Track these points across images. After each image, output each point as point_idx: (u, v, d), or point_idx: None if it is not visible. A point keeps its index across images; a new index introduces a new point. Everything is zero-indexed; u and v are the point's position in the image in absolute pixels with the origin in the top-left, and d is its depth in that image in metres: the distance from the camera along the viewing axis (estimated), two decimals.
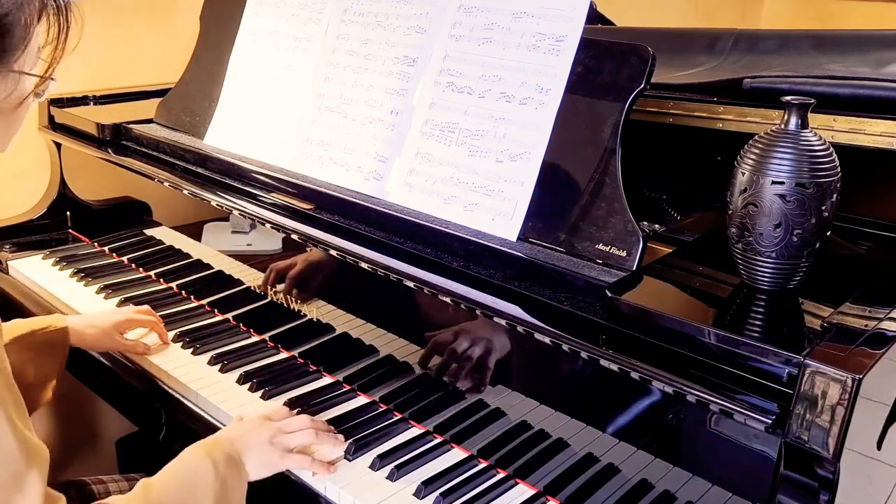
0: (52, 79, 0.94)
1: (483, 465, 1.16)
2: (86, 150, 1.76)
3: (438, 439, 1.21)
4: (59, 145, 1.88)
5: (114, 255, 1.81)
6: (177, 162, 1.61)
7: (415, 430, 1.23)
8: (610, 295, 0.99)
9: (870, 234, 1.26)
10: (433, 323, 1.20)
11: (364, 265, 1.23)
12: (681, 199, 1.43)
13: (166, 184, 1.57)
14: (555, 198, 1.15)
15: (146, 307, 1.50)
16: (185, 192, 1.52)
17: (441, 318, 1.19)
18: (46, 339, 1.33)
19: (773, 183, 0.93)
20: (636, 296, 0.99)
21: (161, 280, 1.69)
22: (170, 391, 1.36)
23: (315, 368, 1.38)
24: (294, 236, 1.34)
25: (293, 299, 1.41)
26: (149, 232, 1.74)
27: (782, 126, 0.96)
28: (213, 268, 1.58)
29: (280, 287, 1.43)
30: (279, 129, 1.51)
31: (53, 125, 1.88)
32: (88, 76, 2.03)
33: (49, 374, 1.33)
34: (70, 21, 0.91)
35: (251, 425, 1.14)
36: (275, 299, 1.44)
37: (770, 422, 0.85)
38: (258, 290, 1.48)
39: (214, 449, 1.07)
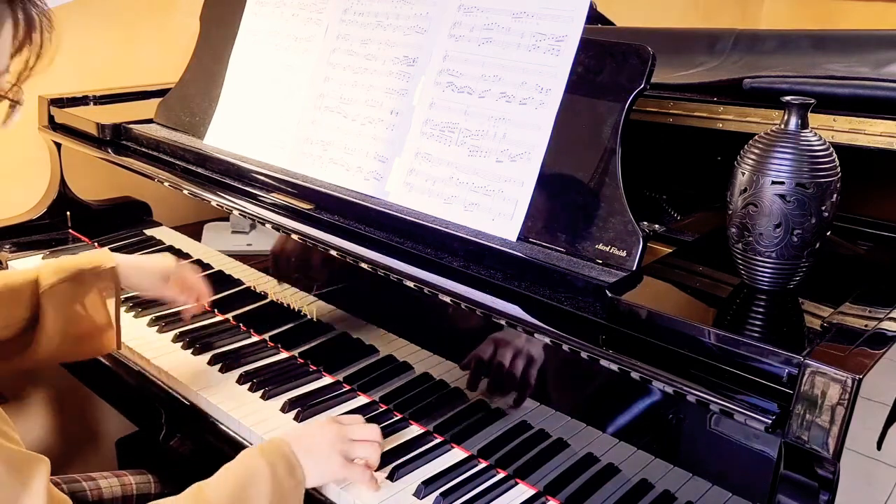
0: (18, 102, 0.88)
1: (483, 465, 1.16)
2: (86, 150, 1.76)
3: (438, 439, 1.21)
4: (59, 145, 1.88)
5: None
6: (177, 162, 1.61)
7: (415, 430, 1.23)
8: (610, 295, 0.99)
9: (870, 234, 1.26)
10: (433, 323, 1.20)
11: (364, 265, 1.23)
12: (681, 199, 1.43)
13: (166, 184, 1.57)
14: (555, 198, 1.15)
15: (189, 265, 1.48)
16: (185, 192, 1.52)
17: (441, 318, 1.19)
18: (94, 279, 1.30)
19: (773, 183, 0.93)
20: (636, 296, 0.99)
21: None
22: (170, 391, 1.36)
23: (315, 368, 1.38)
24: (294, 236, 1.34)
25: (293, 299, 1.41)
26: (149, 232, 1.74)
27: (782, 126, 0.96)
28: (213, 268, 1.58)
29: (283, 285, 1.43)
30: (279, 129, 1.51)
31: (53, 125, 1.88)
32: (88, 76, 2.03)
33: (104, 317, 1.31)
34: (44, 40, 0.87)
35: (316, 427, 1.11)
36: (275, 299, 1.44)
37: (770, 422, 0.85)
38: (258, 290, 1.48)
39: (273, 452, 1.03)
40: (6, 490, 0.82)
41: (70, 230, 1.94)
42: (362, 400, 1.30)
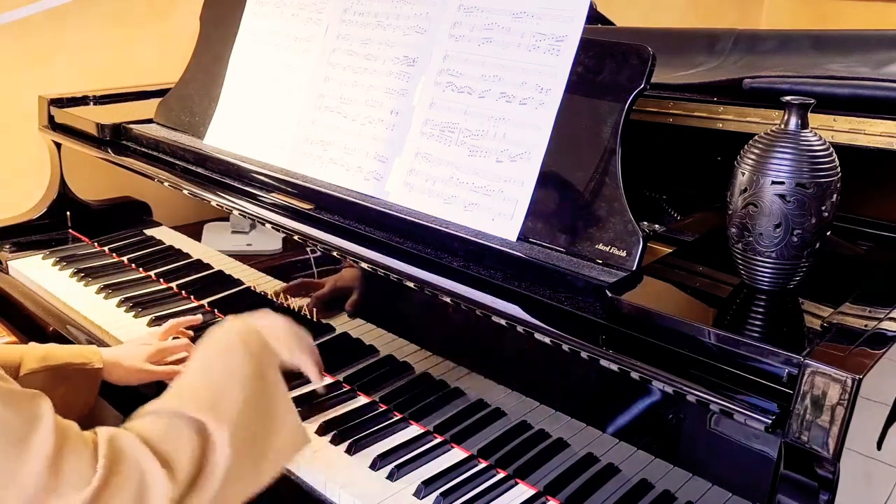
0: None
1: (483, 465, 1.16)
2: (86, 150, 1.76)
3: (438, 439, 1.21)
4: (59, 145, 1.88)
5: (114, 255, 1.81)
6: (177, 162, 1.61)
7: (415, 430, 1.23)
8: (610, 295, 0.99)
9: (870, 234, 1.26)
10: (433, 323, 1.20)
11: (364, 265, 1.23)
12: (681, 199, 1.43)
13: (166, 184, 1.57)
14: (555, 198, 1.15)
15: (172, 325, 1.44)
16: (185, 192, 1.52)
17: (441, 318, 1.19)
18: (77, 374, 1.27)
19: (773, 183, 0.93)
20: (636, 296, 0.99)
21: (161, 280, 1.69)
22: None
23: None
24: (294, 236, 1.34)
25: (293, 299, 1.41)
26: (149, 232, 1.74)
27: (782, 126, 0.96)
28: (213, 268, 1.58)
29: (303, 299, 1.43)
30: (279, 129, 1.51)
31: (53, 125, 1.88)
32: (88, 76, 2.03)
33: (74, 410, 1.25)
34: None
35: (269, 316, 1.15)
36: (275, 299, 1.44)
37: (770, 422, 0.85)
38: (258, 290, 1.48)
39: (246, 335, 1.03)
40: (13, 429, 0.82)
41: (70, 230, 1.94)
42: (362, 400, 1.30)
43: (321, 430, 1.21)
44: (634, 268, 1.05)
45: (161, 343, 1.39)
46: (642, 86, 1.10)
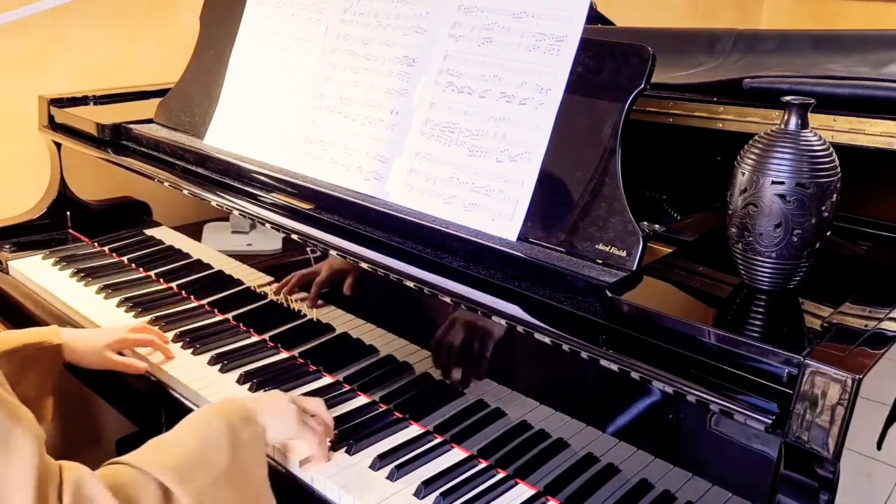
0: None
1: (483, 465, 1.16)
2: (86, 150, 1.76)
3: (438, 439, 1.21)
4: (59, 145, 1.88)
5: (114, 255, 1.81)
6: (177, 162, 1.61)
7: (415, 430, 1.23)
8: (610, 295, 0.99)
9: (870, 234, 1.26)
10: (433, 323, 1.20)
11: (364, 265, 1.23)
12: (681, 199, 1.43)
13: (166, 184, 1.57)
14: (555, 198, 1.15)
15: (142, 323, 1.46)
16: (185, 192, 1.52)
17: (441, 318, 1.19)
18: (38, 354, 1.28)
19: (773, 183, 0.93)
20: (636, 296, 0.99)
21: (161, 280, 1.69)
22: (170, 391, 1.36)
23: (315, 368, 1.38)
24: (294, 236, 1.35)
25: (294, 300, 1.41)
26: (149, 232, 1.74)
27: (782, 126, 0.96)
28: (213, 268, 1.58)
29: (297, 294, 1.43)
30: (279, 128, 1.51)
31: (53, 125, 1.88)
32: (88, 76, 2.03)
33: (40, 392, 1.29)
34: None
35: (267, 395, 1.15)
36: (275, 299, 1.44)
37: (770, 422, 0.85)
38: (258, 290, 1.48)
39: (228, 408, 1.06)
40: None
41: (70, 230, 1.94)
42: (362, 400, 1.30)
43: None
44: (634, 268, 1.05)
45: (124, 333, 1.40)
46: (642, 86, 1.10)
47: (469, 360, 1.17)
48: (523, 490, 1.12)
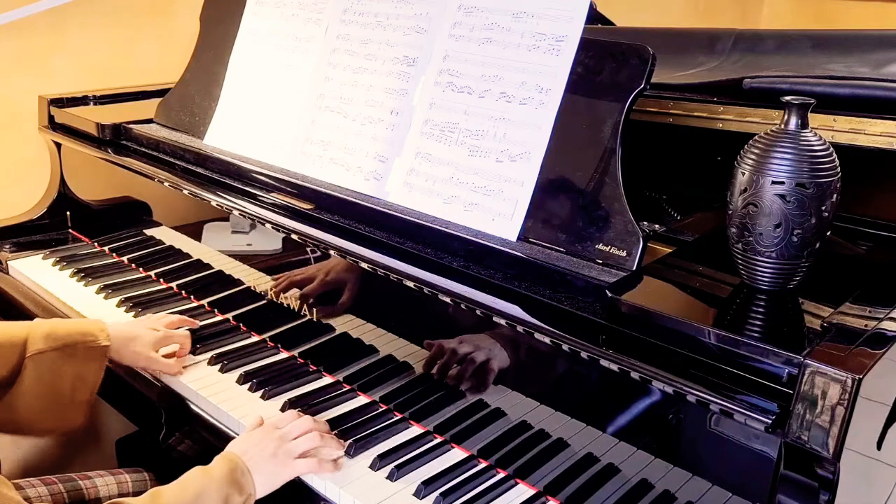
0: None
1: (483, 465, 1.16)
2: (86, 150, 1.76)
3: (438, 439, 1.21)
4: (59, 145, 1.88)
5: (114, 255, 1.81)
6: (177, 162, 1.61)
7: (415, 430, 1.23)
8: (610, 295, 0.99)
9: (870, 234, 1.26)
10: (433, 323, 1.20)
11: (364, 265, 1.23)
12: (681, 199, 1.43)
13: (166, 184, 1.57)
14: (555, 198, 1.15)
15: (180, 319, 1.46)
16: (185, 192, 1.52)
17: (441, 318, 1.19)
18: (86, 353, 1.27)
19: (773, 183, 0.93)
20: (636, 296, 0.99)
21: (161, 280, 1.69)
22: (170, 391, 1.36)
23: (315, 368, 1.38)
24: (294, 236, 1.34)
25: (294, 300, 1.41)
26: (149, 232, 1.74)
27: (782, 126, 0.96)
28: (213, 268, 1.58)
29: (292, 293, 1.43)
30: (279, 128, 1.51)
31: (53, 125, 1.88)
32: (88, 76, 2.03)
33: (83, 391, 1.27)
34: None
35: (256, 439, 1.13)
36: (275, 299, 1.44)
37: (770, 422, 0.85)
38: (258, 290, 1.48)
39: (218, 467, 1.08)
40: None
41: (70, 230, 1.94)
42: (362, 400, 1.30)
43: None
44: (634, 268, 1.05)
45: (168, 331, 1.40)
46: (642, 86, 1.10)
47: (469, 360, 1.17)
48: (523, 490, 1.12)
